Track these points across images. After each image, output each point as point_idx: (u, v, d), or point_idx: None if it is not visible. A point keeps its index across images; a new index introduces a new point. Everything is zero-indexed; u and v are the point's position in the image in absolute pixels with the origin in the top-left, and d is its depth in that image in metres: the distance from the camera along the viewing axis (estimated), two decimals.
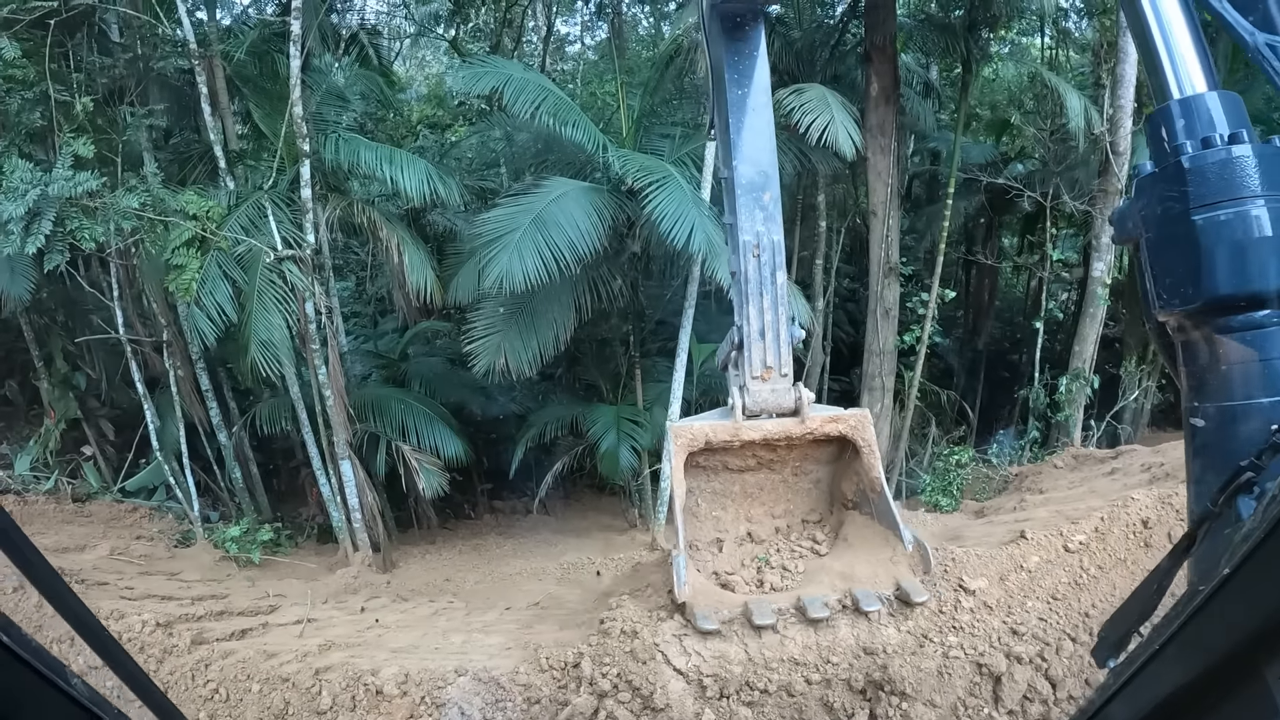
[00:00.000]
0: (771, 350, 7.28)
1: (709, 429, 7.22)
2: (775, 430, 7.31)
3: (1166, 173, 1.81)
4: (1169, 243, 1.79)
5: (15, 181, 10.61)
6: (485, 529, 17.14)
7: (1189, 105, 1.85)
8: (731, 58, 7.37)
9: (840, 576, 6.90)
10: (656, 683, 6.06)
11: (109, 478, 15.40)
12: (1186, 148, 1.80)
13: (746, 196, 7.36)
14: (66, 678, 1.17)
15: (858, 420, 7.33)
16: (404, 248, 13.05)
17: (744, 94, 7.39)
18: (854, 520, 7.62)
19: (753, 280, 7.30)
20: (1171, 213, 1.77)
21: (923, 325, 15.90)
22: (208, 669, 7.20)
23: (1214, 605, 1.27)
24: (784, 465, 7.84)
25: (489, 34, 24.02)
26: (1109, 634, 1.93)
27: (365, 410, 14.19)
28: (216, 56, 12.99)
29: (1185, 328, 1.86)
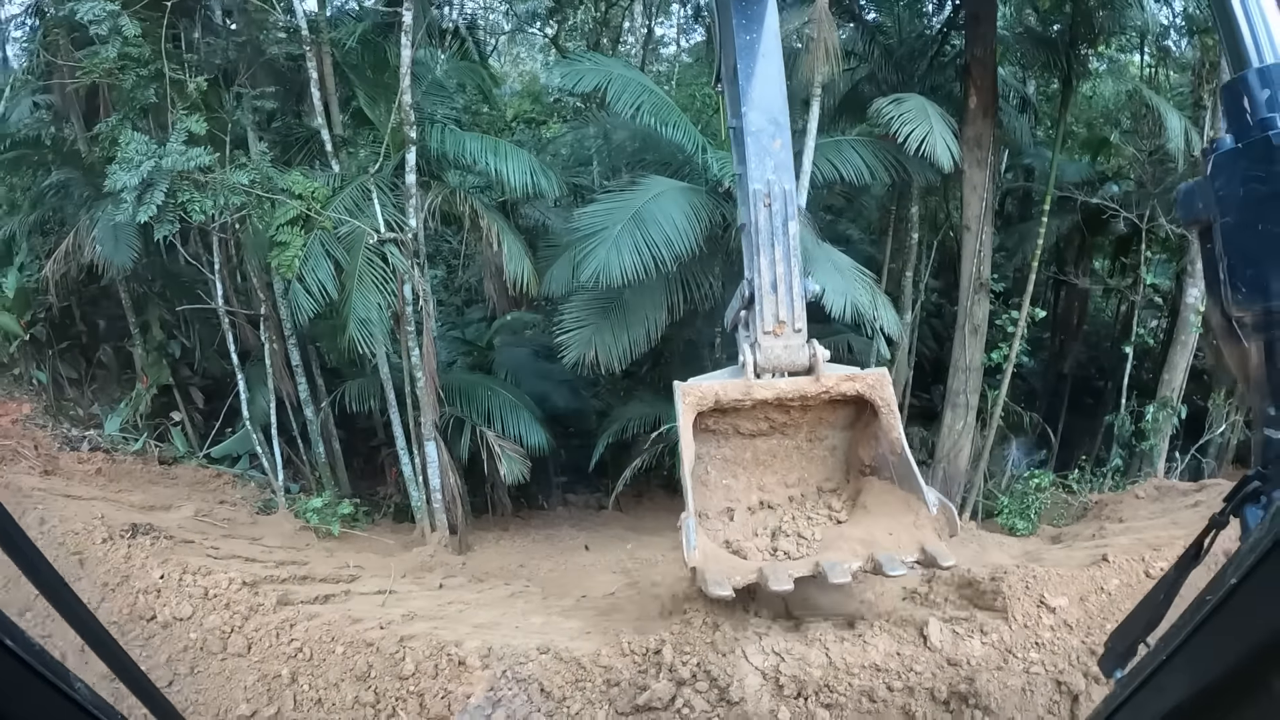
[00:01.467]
0: (784, 304, 7.01)
1: (719, 387, 6.91)
2: (789, 388, 7.01)
3: (1252, 149, 1.65)
4: (1252, 228, 1.63)
5: (130, 153, 10.97)
6: (558, 520, 17.25)
7: (1272, 73, 1.69)
8: (740, 3, 7.17)
9: (860, 543, 6.61)
10: (734, 675, 6.09)
11: (195, 443, 15.84)
12: (1276, 121, 1.65)
13: (756, 144, 7.18)
14: (70, 681, 1.17)
15: (876, 379, 7.07)
16: (503, 237, 13.22)
17: (752, 39, 7.22)
18: (872, 486, 7.36)
19: (764, 230, 7.08)
20: (1256, 194, 1.61)
21: (1011, 344, 15.68)
22: (292, 628, 7.36)
23: (1221, 616, 1.27)
24: (798, 430, 7.55)
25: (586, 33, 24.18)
26: (1116, 644, 1.92)
27: (452, 394, 14.39)
28: (326, 44, 13.26)
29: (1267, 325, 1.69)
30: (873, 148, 14.40)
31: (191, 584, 8.07)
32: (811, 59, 12.65)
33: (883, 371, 7.21)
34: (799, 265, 7.13)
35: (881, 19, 18.56)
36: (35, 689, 1.10)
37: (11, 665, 1.05)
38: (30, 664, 1.07)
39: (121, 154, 11.04)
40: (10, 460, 12.18)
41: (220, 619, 7.61)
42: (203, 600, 7.89)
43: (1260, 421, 1.80)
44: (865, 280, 13.72)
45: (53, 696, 1.15)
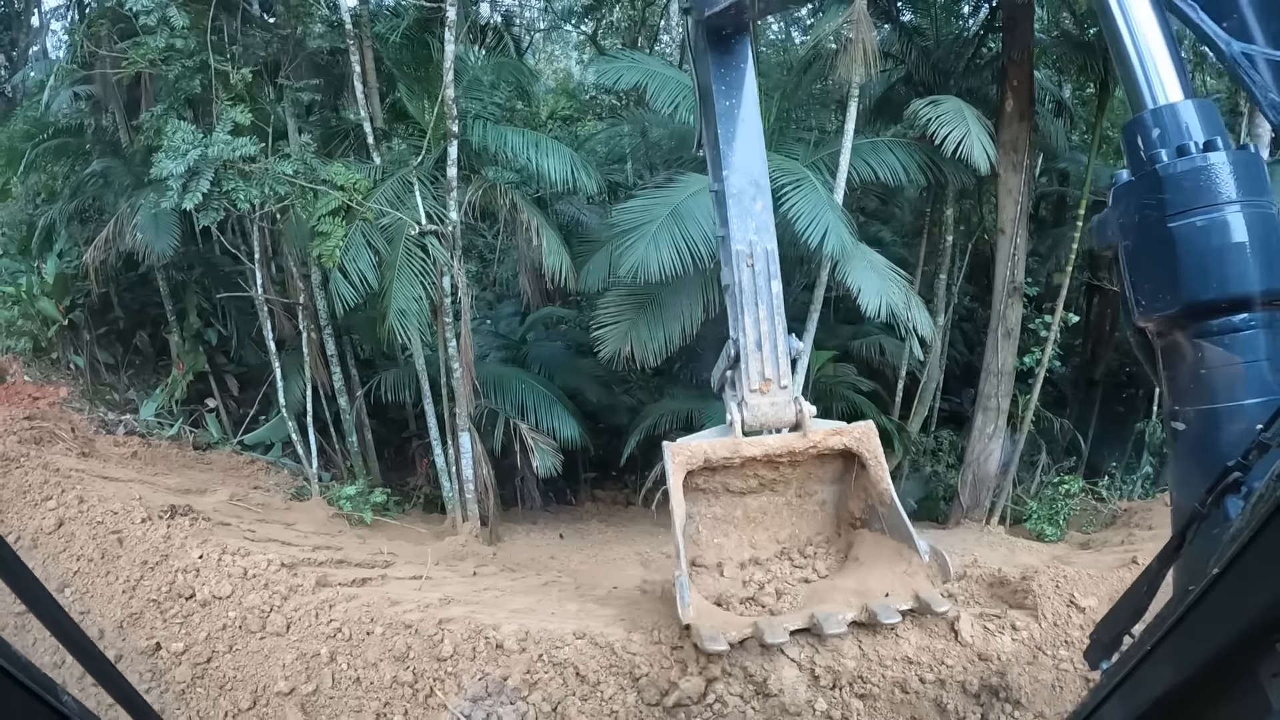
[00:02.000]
0: (770, 362, 7.19)
1: (708, 446, 7.05)
2: (777, 445, 7.15)
3: (1143, 181, 1.82)
4: (1147, 250, 1.79)
5: (177, 142, 11.16)
6: (587, 515, 17.33)
7: (1163, 114, 1.85)
8: (719, 70, 7.33)
9: (854, 594, 6.67)
10: (771, 669, 6.14)
11: (229, 430, 16.03)
12: (1161, 156, 1.81)
13: (737, 206, 7.35)
14: (57, 694, 1.16)
15: (862, 432, 7.20)
16: (542, 232, 13.31)
17: (732, 105, 7.37)
18: (864, 538, 7.42)
19: (747, 290, 7.28)
20: (1148, 220, 1.77)
21: (1043, 349, 15.63)
22: (331, 609, 7.47)
23: (1204, 605, 1.28)
24: (787, 486, 7.63)
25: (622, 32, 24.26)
26: (1101, 635, 1.94)
27: (486, 386, 14.48)
28: (369, 38, 13.39)
29: (1164, 333, 1.86)
30: (909, 149, 14.39)
31: (231, 564, 8.20)
32: (849, 60, 12.65)
33: (869, 424, 7.36)
34: (783, 323, 7.32)
35: (918, 20, 18.53)
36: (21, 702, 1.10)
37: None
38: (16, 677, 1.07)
39: (168, 143, 11.22)
40: (48, 442, 12.35)
41: (260, 598, 7.72)
42: (242, 580, 8.01)
43: (1168, 417, 1.99)
44: (900, 280, 13.72)
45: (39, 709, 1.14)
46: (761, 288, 7.30)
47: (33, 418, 13.12)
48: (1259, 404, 1.71)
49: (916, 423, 17.47)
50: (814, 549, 7.71)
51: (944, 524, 15.97)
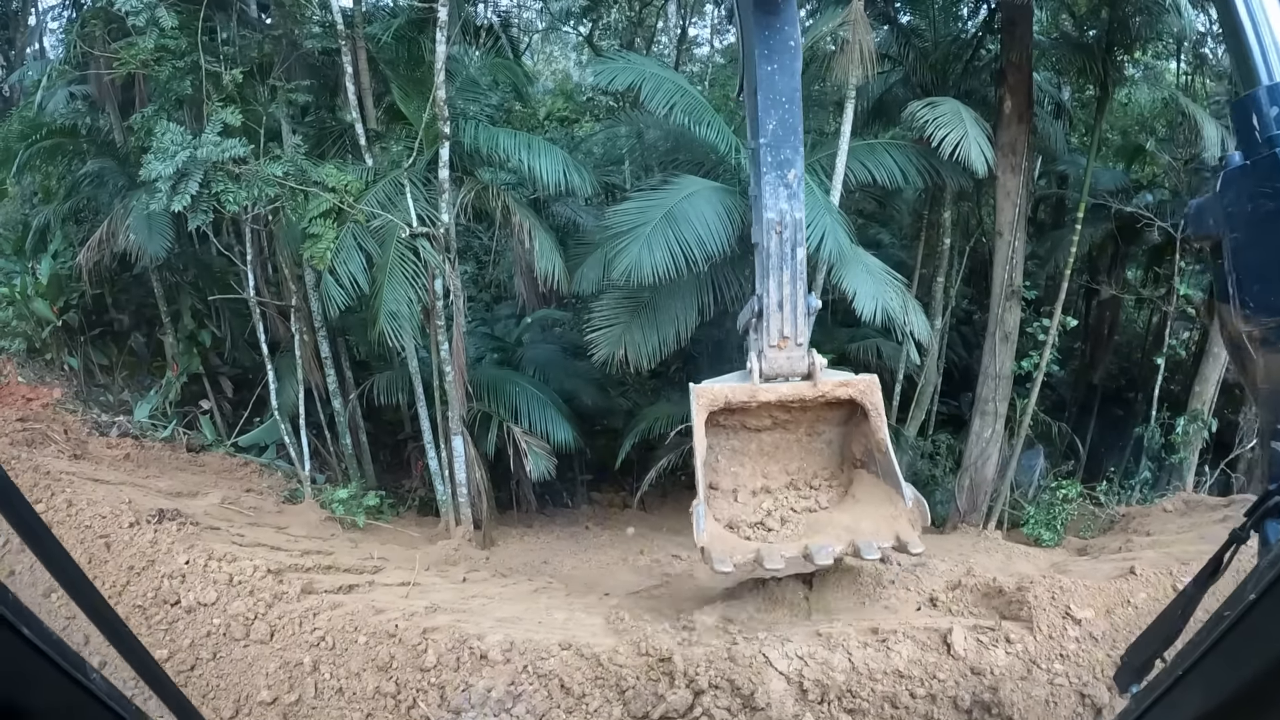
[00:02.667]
0: (789, 321, 7.81)
1: (728, 390, 7.80)
2: (789, 392, 7.88)
3: (1259, 166, 1.66)
4: (1260, 244, 1.64)
5: (165, 143, 11.11)
6: (582, 518, 17.27)
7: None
8: (763, 32, 7.47)
9: (845, 529, 7.55)
10: (758, 682, 6.06)
11: (223, 432, 16.00)
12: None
13: (772, 174, 7.71)
14: (86, 672, 1.17)
15: (866, 385, 7.98)
16: (535, 234, 13.24)
17: (773, 70, 7.55)
18: (862, 478, 8.25)
19: (774, 255, 7.78)
20: (1263, 210, 1.62)
21: (1041, 352, 15.53)
22: (315, 617, 7.43)
23: (1240, 631, 1.24)
24: (798, 426, 8.43)
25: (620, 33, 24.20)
26: (1132, 659, 1.89)
27: (479, 390, 14.44)
28: (361, 39, 13.32)
29: (1272, 340, 1.71)
30: (906, 151, 14.30)
31: (216, 570, 8.14)
32: (845, 61, 12.58)
33: (873, 378, 8.10)
34: (804, 286, 7.92)
35: (916, 22, 18.45)
36: (51, 679, 1.10)
37: (28, 655, 1.05)
38: (47, 654, 1.07)
39: (157, 144, 11.17)
40: (40, 444, 12.29)
41: (244, 605, 7.66)
42: (227, 586, 7.95)
43: (1267, 434, 1.82)
44: (896, 284, 13.64)
45: (68, 686, 1.14)
46: (788, 254, 7.80)
47: (25, 419, 13.08)
48: None
49: (914, 426, 17.39)
50: (819, 481, 8.54)
51: (941, 528, 15.88)
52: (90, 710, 1.21)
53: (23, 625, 1.02)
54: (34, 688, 1.08)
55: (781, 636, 6.63)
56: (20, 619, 1.02)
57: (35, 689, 1.08)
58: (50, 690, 1.11)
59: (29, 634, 1.03)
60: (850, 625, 6.99)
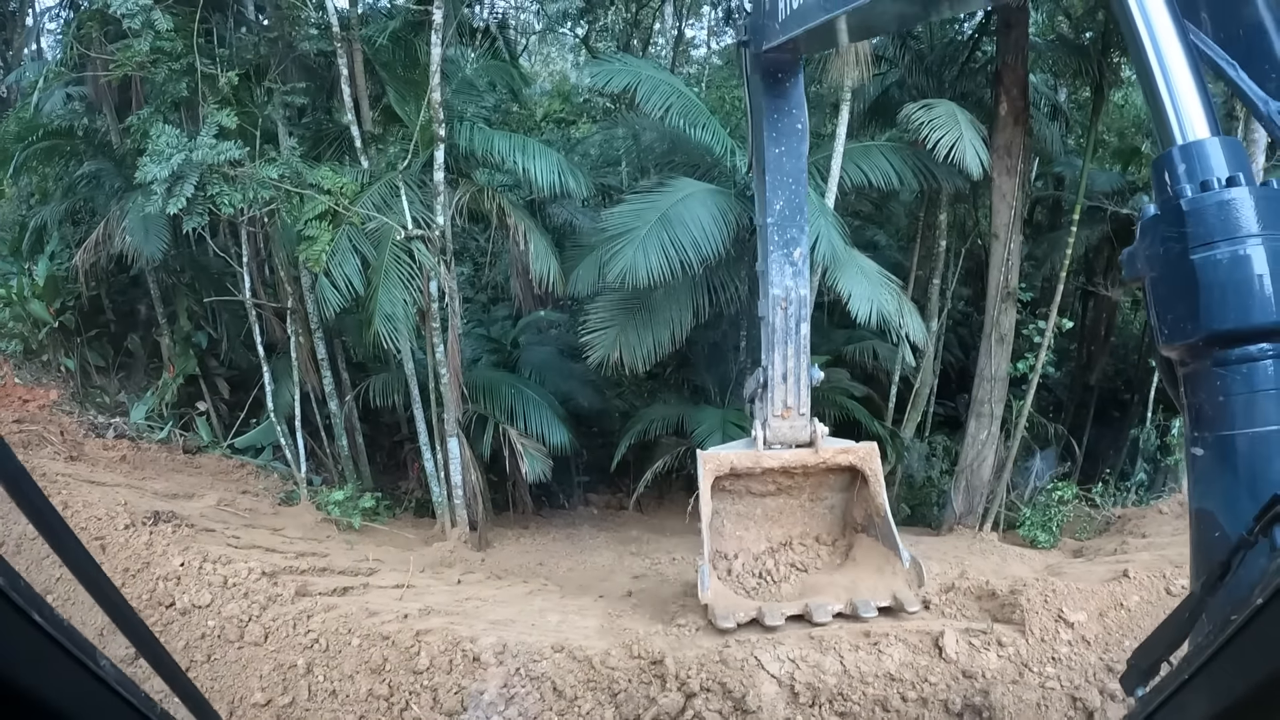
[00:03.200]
0: (792, 392, 8.30)
1: (734, 457, 8.27)
2: (792, 459, 8.34)
3: (1167, 214, 1.88)
4: (1171, 281, 1.86)
5: (161, 146, 11.11)
6: (579, 520, 17.25)
7: (1190, 150, 1.91)
8: (771, 115, 7.85)
9: (844, 589, 7.90)
10: (750, 685, 6.07)
11: (220, 433, 15.98)
12: (1186, 191, 1.86)
13: (779, 252, 8.17)
14: (96, 659, 1.17)
15: (866, 452, 8.41)
16: (530, 236, 13.24)
17: (780, 153, 7.95)
18: (862, 542, 8.62)
19: (779, 330, 8.26)
20: (1172, 252, 1.83)
21: (1037, 354, 15.52)
22: (309, 619, 7.46)
23: (1246, 636, 1.25)
24: (801, 491, 8.82)
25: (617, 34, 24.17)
26: (1138, 662, 1.91)
27: (475, 392, 14.41)
28: (357, 40, 13.33)
29: (1187, 361, 1.92)
30: (902, 153, 14.31)
31: (211, 572, 8.16)
32: (841, 63, 12.59)
33: (872, 446, 8.54)
34: (807, 359, 8.40)
35: None
36: (61, 665, 1.11)
37: (39, 641, 1.06)
38: (58, 640, 1.08)
39: (152, 146, 11.17)
40: (36, 445, 12.31)
41: (238, 608, 7.68)
42: (222, 589, 7.97)
43: (1188, 441, 2.06)
44: (891, 287, 13.66)
45: (78, 673, 1.15)
46: (792, 329, 8.29)
47: (22, 421, 13.09)
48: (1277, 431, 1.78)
49: (910, 428, 17.39)
50: (821, 546, 8.95)
51: (937, 530, 15.90)
52: (100, 697, 1.22)
53: (34, 611, 1.03)
54: (45, 674, 1.09)
55: (774, 639, 6.65)
56: (32, 605, 1.03)
57: (46, 675, 1.10)
58: (61, 677, 1.12)
59: (40, 620, 1.04)
60: (842, 628, 7.01)
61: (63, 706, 1.13)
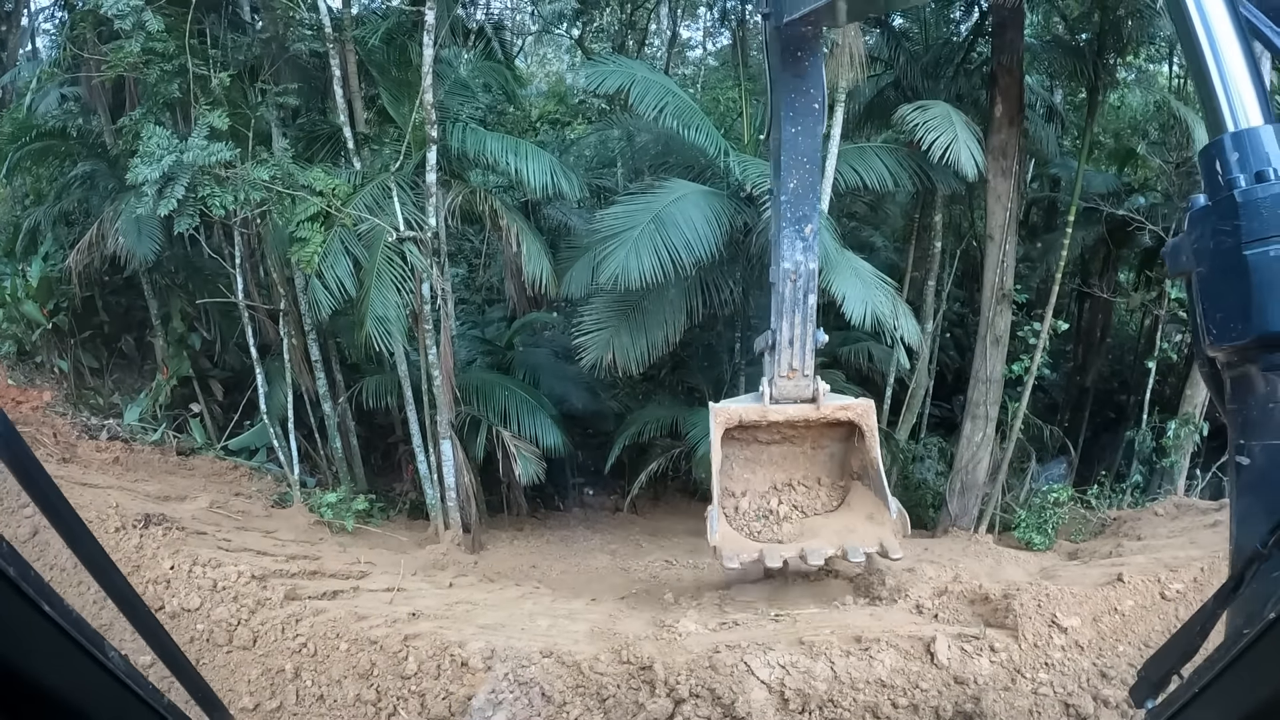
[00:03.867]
0: (798, 356, 8.81)
1: (742, 410, 8.94)
2: (795, 413, 8.97)
3: (1219, 206, 1.80)
4: (1220, 277, 1.78)
5: (152, 147, 11.08)
6: (573, 522, 17.23)
7: (1243, 138, 1.83)
8: (789, 94, 8.06)
9: (837, 533, 8.72)
10: (739, 691, 6.03)
11: (213, 435, 15.93)
12: (1240, 181, 1.78)
13: (790, 228, 8.57)
14: (104, 650, 1.18)
15: (863, 408, 9.10)
16: (523, 237, 13.21)
17: (797, 132, 8.17)
18: (857, 489, 9.34)
19: (788, 300, 8.75)
20: (1223, 247, 1.76)
21: (1032, 356, 15.50)
22: (298, 624, 7.40)
23: (1258, 650, 1.23)
24: (804, 440, 9.53)
25: (612, 35, 24.13)
26: (1149, 674, 1.90)
27: (469, 393, 14.39)
28: (350, 41, 13.30)
29: (1235, 364, 1.85)
30: (897, 155, 14.30)
31: (201, 576, 8.12)
32: (835, 64, 12.57)
33: (869, 402, 9.24)
34: (813, 326, 8.86)
35: (908, 25, 18.44)
36: (71, 656, 1.12)
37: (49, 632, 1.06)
38: (68, 631, 1.08)
39: (143, 148, 11.14)
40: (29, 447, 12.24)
41: (227, 611, 7.64)
42: (211, 592, 7.93)
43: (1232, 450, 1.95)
44: (886, 288, 13.62)
45: (87, 664, 1.16)
46: (799, 299, 8.77)
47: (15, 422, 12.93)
48: None
49: (905, 430, 17.38)
50: (820, 488, 9.65)
51: (933, 532, 15.87)
52: (108, 688, 1.23)
53: (44, 602, 1.03)
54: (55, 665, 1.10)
55: (764, 645, 6.61)
56: (42, 596, 1.03)
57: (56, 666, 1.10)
58: (69, 667, 1.13)
59: (50, 611, 1.05)
60: (834, 633, 6.97)
61: (72, 697, 1.15)
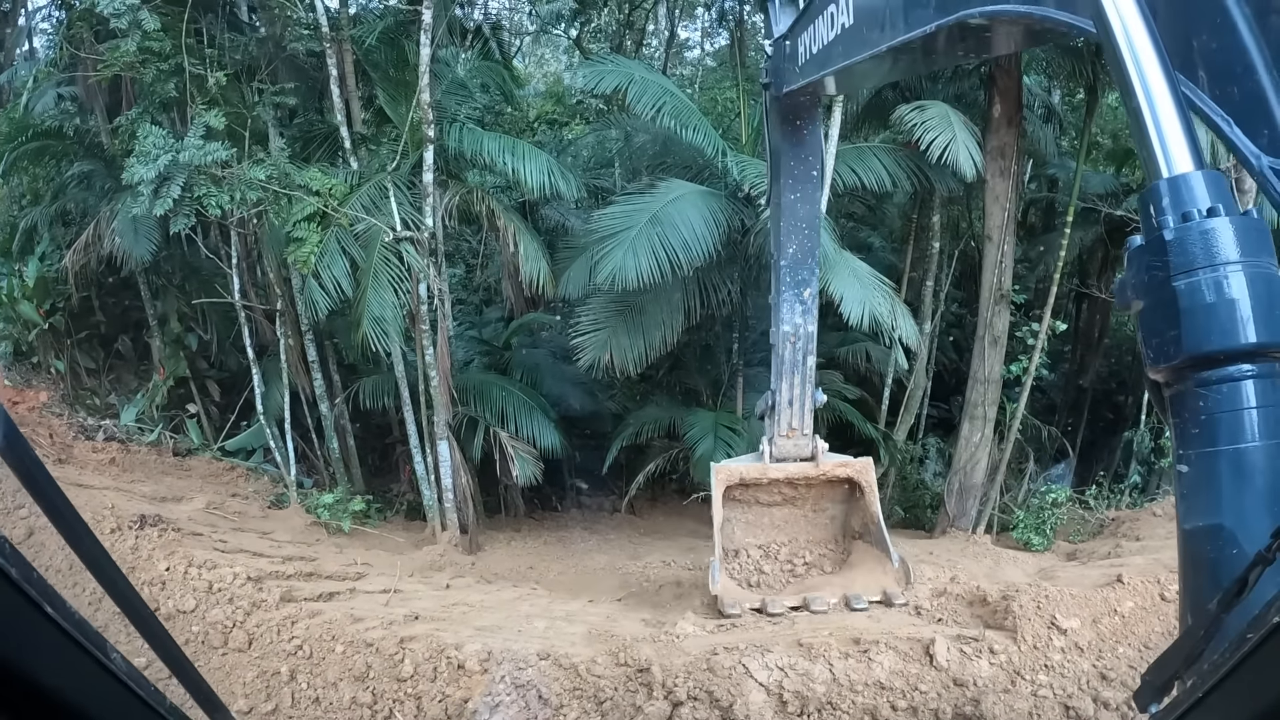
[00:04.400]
0: (797, 416, 9.12)
1: (743, 469, 9.26)
2: (795, 471, 9.27)
3: (1151, 245, 1.99)
4: (1155, 307, 1.98)
5: (148, 146, 11.06)
6: (571, 522, 17.21)
7: (1175, 183, 2.01)
8: (788, 161, 8.36)
9: (840, 586, 8.84)
10: (738, 694, 6.01)
11: (210, 436, 15.90)
12: (1169, 222, 1.97)
13: (789, 291, 8.85)
14: (106, 652, 1.18)
15: (862, 465, 9.34)
16: (520, 238, 13.19)
17: (796, 199, 8.47)
18: (858, 547, 9.51)
19: (787, 361, 9.04)
20: (1156, 280, 1.95)
21: (1030, 356, 15.47)
22: (294, 626, 7.41)
23: (1263, 653, 1.22)
24: (805, 502, 9.75)
25: (610, 35, 24.09)
26: (1153, 678, 1.89)
27: (466, 394, 14.36)
28: (347, 41, 13.27)
29: (1172, 383, 2.03)
30: (895, 155, 14.28)
31: (196, 577, 8.11)
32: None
33: (868, 460, 9.47)
34: (811, 386, 9.17)
35: None
36: (73, 657, 1.12)
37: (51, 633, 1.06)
38: (69, 632, 1.08)
39: (139, 147, 11.11)
40: None
41: (223, 613, 7.62)
42: (207, 594, 7.92)
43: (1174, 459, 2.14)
44: (884, 289, 13.61)
45: (90, 665, 1.16)
46: (799, 361, 9.05)
47: None
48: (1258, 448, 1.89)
49: (903, 430, 17.37)
50: (822, 552, 9.79)
51: (931, 533, 15.86)
52: (109, 689, 1.23)
53: (46, 603, 1.03)
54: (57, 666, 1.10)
55: (762, 647, 6.58)
56: (44, 596, 1.03)
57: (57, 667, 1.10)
58: (72, 669, 1.13)
59: (52, 613, 1.04)
60: (832, 635, 6.94)
61: (74, 699, 1.15)
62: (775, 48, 7.76)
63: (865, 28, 4.84)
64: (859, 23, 4.98)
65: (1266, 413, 1.89)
